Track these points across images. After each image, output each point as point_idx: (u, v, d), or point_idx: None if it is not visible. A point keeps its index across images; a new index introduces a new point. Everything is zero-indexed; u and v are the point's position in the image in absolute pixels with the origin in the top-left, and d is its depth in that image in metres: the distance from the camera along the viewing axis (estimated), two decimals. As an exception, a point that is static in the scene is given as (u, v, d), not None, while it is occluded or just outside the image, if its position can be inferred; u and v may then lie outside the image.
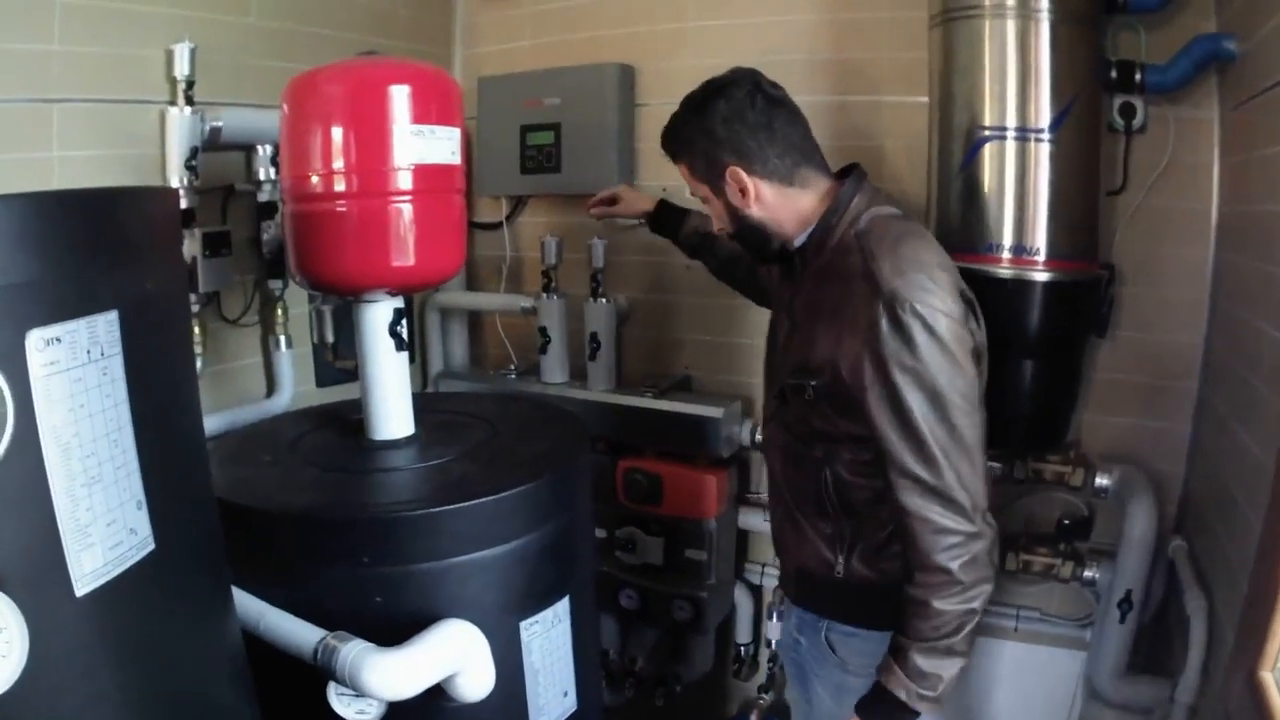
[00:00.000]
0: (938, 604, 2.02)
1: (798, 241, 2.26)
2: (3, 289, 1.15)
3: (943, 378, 1.99)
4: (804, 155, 2.24)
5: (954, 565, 2.01)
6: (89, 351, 1.26)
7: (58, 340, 1.21)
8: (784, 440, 2.39)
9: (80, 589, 1.27)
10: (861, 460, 2.18)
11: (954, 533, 2.01)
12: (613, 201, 3.21)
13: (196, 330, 2.93)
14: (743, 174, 2.21)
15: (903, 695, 2.09)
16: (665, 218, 3.12)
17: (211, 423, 2.71)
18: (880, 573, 2.25)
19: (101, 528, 1.30)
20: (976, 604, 2.05)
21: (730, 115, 2.21)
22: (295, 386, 3.38)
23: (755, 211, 2.25)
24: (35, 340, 1.18)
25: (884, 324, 1.98)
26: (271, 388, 3.37)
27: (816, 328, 2.17)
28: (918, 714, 2.12)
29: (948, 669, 2.08)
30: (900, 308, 1.97)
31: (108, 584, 1.32)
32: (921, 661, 2.06)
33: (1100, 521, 3.16)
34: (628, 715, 3.95)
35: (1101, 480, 2.99)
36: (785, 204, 2.24)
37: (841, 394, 2.10)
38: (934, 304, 1.99)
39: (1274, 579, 1.97)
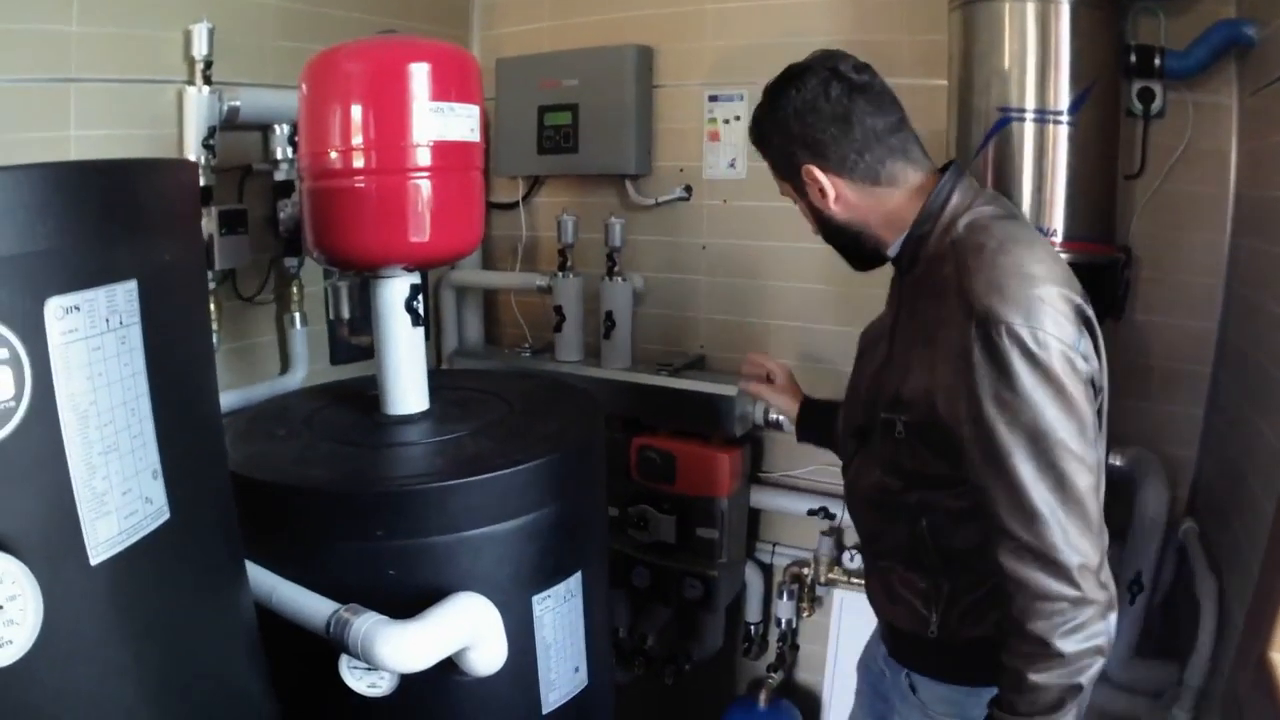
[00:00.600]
0: (1033, 677, 1.71)
1: (892, 250, 2.01)
2: (23, 257, 1.16)
3: (1048, 415, 1.67)
4: (891, 148, 1.93)
5: (1053, 636, 1.68)
6: (107, 320, 1.27)
7: (76, 309, 1.22)
8: (869, 485, 2.08)
9: (95, 557, 1.28)
10: (961, 508, 1.87)
11: (1056, 598, 1.68)
12: (766, 378, 2.70)
13: (212, 308, 2.93)
14: (818, 173, 1.95)
15: None
16: (812, 418, 2.63)
17: (226, 400, 2.71)
18: (985, 628, 1.92)
19: (117, 496, 1.31)
20: (1083, 679, 1.72)
21: (803, 107, 1.93)
22: (310, 364, 3.39)
23: (839, 213, 1.99)
24: (54, 308, 1.19)
25: (976, 351, 1.69)
26: (286, 365, 3.39)
27: (911, 354, 1.90)
28: None
29: (1066, 698, 1.73)
30: (996, 331, 1.67)
31: (123, 553, 1.33)
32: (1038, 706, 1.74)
33: (1111, 503, 3.16)
34: (637, 693, 3.96)
35: (1114, 461, 2.98)
36: (872, 205, 1.96)
37: (938, 432, 1.81)
38: (1039, 326, 1.68)
39: (1285, 562, 1.97)
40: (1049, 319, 1.69)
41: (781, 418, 3.28)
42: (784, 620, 3.73)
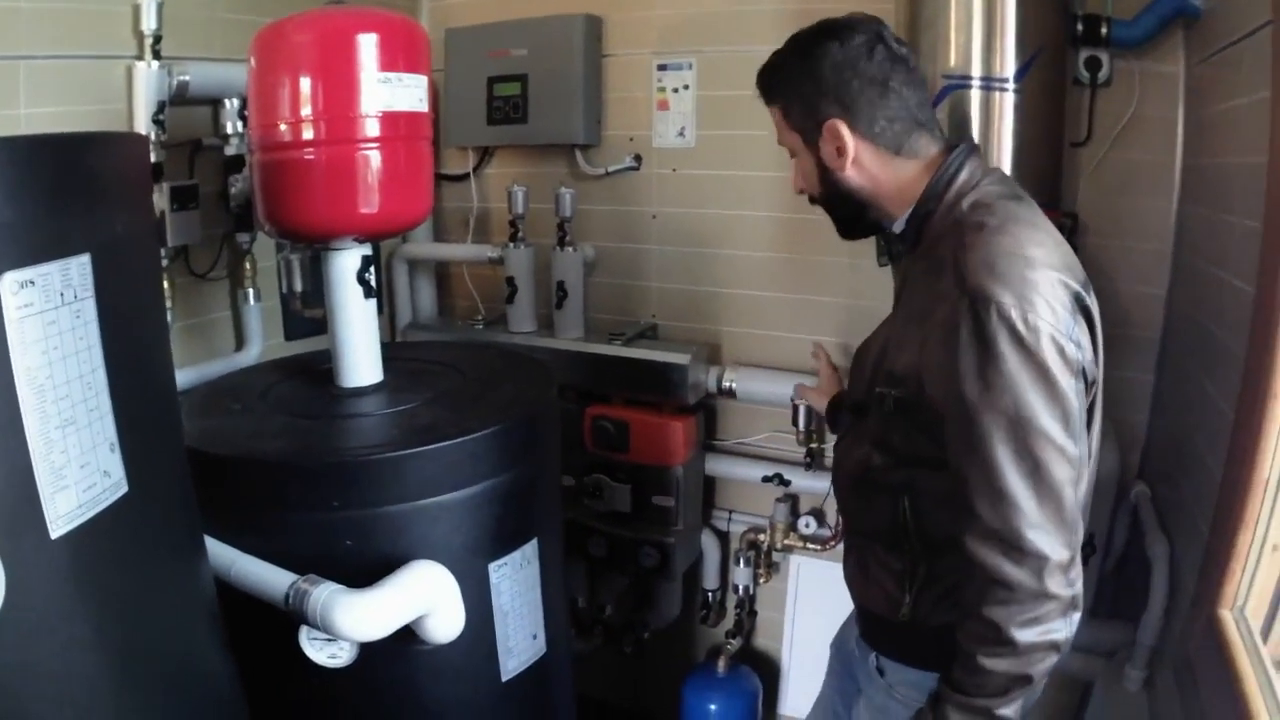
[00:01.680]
0: (982, 660, 1.68)
1: (897, 226, 1.96)
2: (-24, 232, 1.17)
3: (1030, 401, 1.62)
4: (919, 123, 1.90)
5: (1009, 625, 1.64)
6: (62, 294, 1.28)
7: (31, 283, 1.22)
8: (855, 462, 2.03)
9: (55, 531, 1.29)
10: (944, 490, 1.76)
11: (1015, 587, 1.63)
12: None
13: (165, 285, 2.90)
14: (844, 130, 1.87)
15: None
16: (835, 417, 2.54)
17: (182, 377, 2.71)
18: (955, 615, 1.81)
19: (75, 470, 1.32)
20: (1033, 671, 1.67)
21: (843, 62, 1.86)
22: (264, 340, 3.38)
23: (850, 176, 1.92)
24: (9, 283, 1.19)
25: (964, 328, 1.64)
26: (240, 342, 3.38)
27: (907, 330, 1.85)
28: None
29: (1009, 694, 1.71)
30: (985, 310, 1.62)
31: (82, 526, 1.33)
32: (955, 717, 1.75)
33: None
34: (597, 662, 3.99)
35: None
36: (887, 174, 1.91)
37: (925, 410, 1.78)
38: (1030, 309, 1.62)
39: (1234, 522, 2.01)
40: (1042, 303, 1.63)
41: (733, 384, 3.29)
42: (741, 587, 3.75)
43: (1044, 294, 1.64)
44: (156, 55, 2.84)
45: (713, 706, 3.70)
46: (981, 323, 1.62)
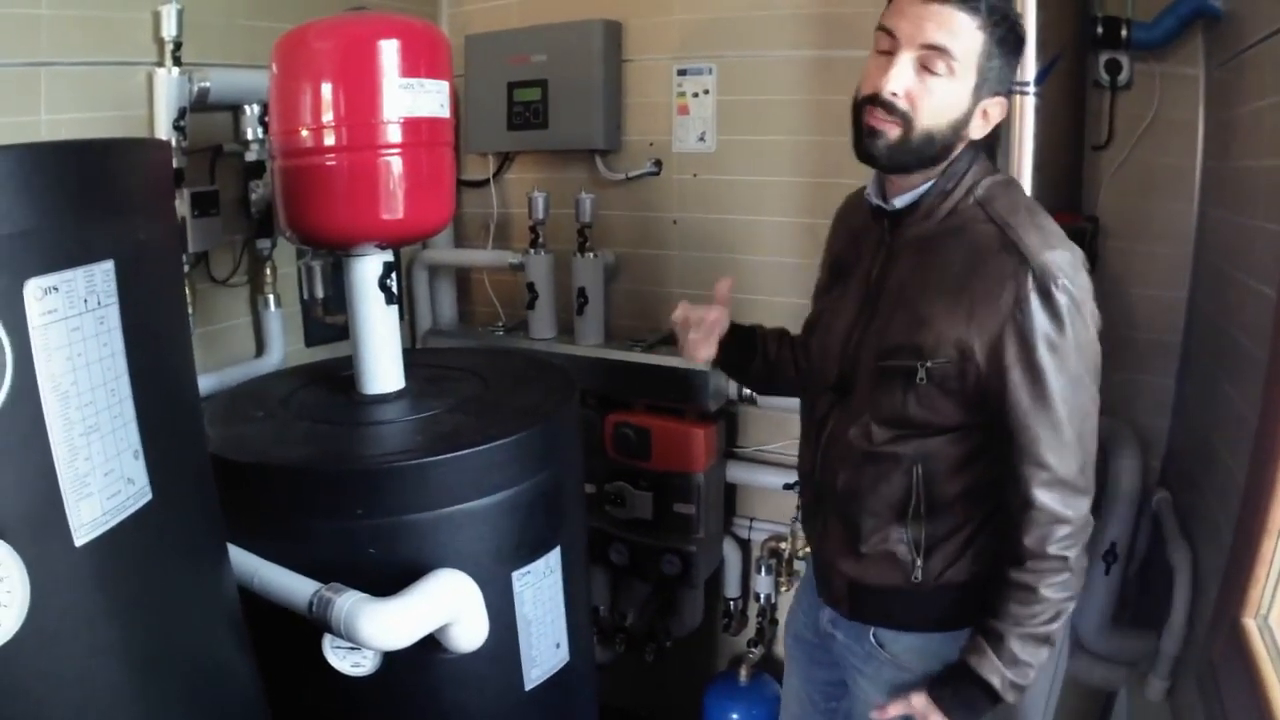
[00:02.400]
0: (1045, 591, 1.89)
1: (899, 202, 2.01)
2: (1, 238, 1.16)
3: (1086, 360, 1.86)
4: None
5: (1070, 554, 1.89)
6: (86, 301, 1.27)
7: (55, 289, 1.22)
8: (852, 439, 2.09)
9: (79, 538, 1.29)
10: (958, 455, 1.99)
11: (1072, 522, 1.88)
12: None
13: (185, 291, 2.89)
14: (1001, 107, 1.94)
15: (996, 682, 1.94)
16: (730, 358, 2.54)
17: (202, 383, 2.69)
18: (962, 573, 2.06)
19: (99, 477, 1.31)
20: (1076, 589, 1.95)
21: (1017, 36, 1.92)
22: (285, 346, 3.38)
23: (973, 131, 1.94)
24: (33, 289, 1.19)
25: (1034, 300, 1.79)
26: (261, 348, 3.37)
27: (930, 304, 1.92)
28: (998, 703, 1.99)
29: (1040, 657, 1.95)
30: (1054, 284, 1.78)
31: (106, 534, 1.33)
32: (1018, 648, 1.92)
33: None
34: (618, 670, 3.98)
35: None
36: (964, 132, 1.94)
37: (966, 377, 1.89)
38: (1081, 282, 1.83)
39: (1257, 528, 1.99)
40: (1083, 275, 1.85)
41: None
42: (763, 595, 3.72)
43: (1083, 268, 1.86)
44: (177, 62, 2.84)
45: (734, 715, 3.68)
46: (1050, 295, 1.79)
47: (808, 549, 2.95)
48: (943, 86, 1.86)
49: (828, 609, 2.31)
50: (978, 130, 1.94)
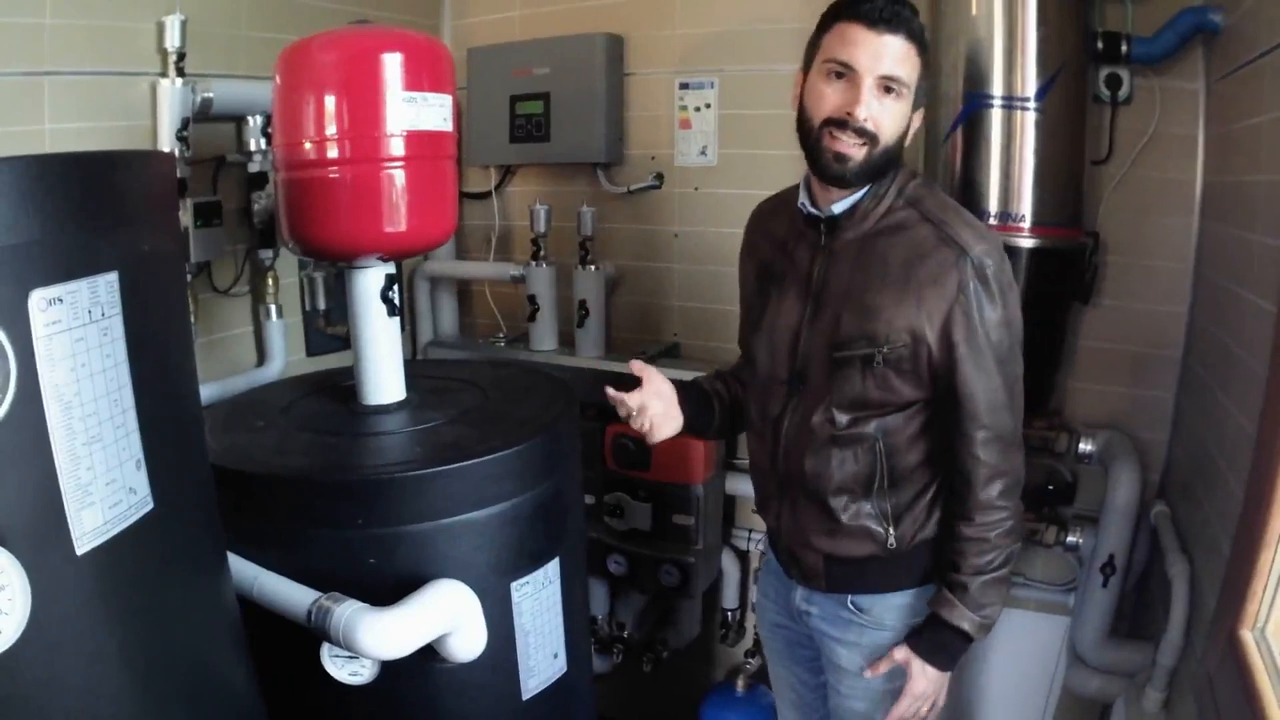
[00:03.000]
0: (995, 537, 2.13)
1: (838, 208, 2.15)
2: (7, 249, 1.17)
3: (1014, 334, 2.09)
4: None
5: (1010, 502, 2.14)
6: (90, 312, 1.28)
7: (60, 300, 1.23)
8: (814, 427, 2.22)
9: (81, 547, 1.30)
10: (914, 428, 2.19)
11: (1010, 474, 2.14)
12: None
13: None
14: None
15: (966, 625, 2.16)
16: (691, 424, 2.49)
17: (204, 392, 2.69)
18: (929, 530, 2.27)
19: (101, 486, 1.32)
20: (1020, 533, 2.19)
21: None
22: (286, 356, 3.37)
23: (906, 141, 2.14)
24: (38, 300, 1.20)
25: (973, 285, 2.01)
26: (262, 357, 3.37)
27: (876, 296, 2.09)
28: (971, 643, 2.20)
29: (1002, 594, 2.19)
30: (987, 270, 2.01)
31: (108, 542, 1.34)
32: (979, 593, 2.14)
33: (1084, 487, 3.18)
34: (616, 681, 3.98)
35: (1085, 446, 3.02)
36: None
37: (919, 358, 2.09)
38: (1007, 268, 2.07)
39: (1255, 541, 2.00)
40: (1007, 262, 2.08)
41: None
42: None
43: (1004, 255, 2.08)
44: (180, 72, 2.85)
45: (732, 726, 3.69)
46: (987, 279, 2.01)
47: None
48: (896, 107, 2.05)
49: (800, 589, 2.43)
50: (907, 139, 2.13)
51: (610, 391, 2.35)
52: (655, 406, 2.35)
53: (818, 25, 2.10)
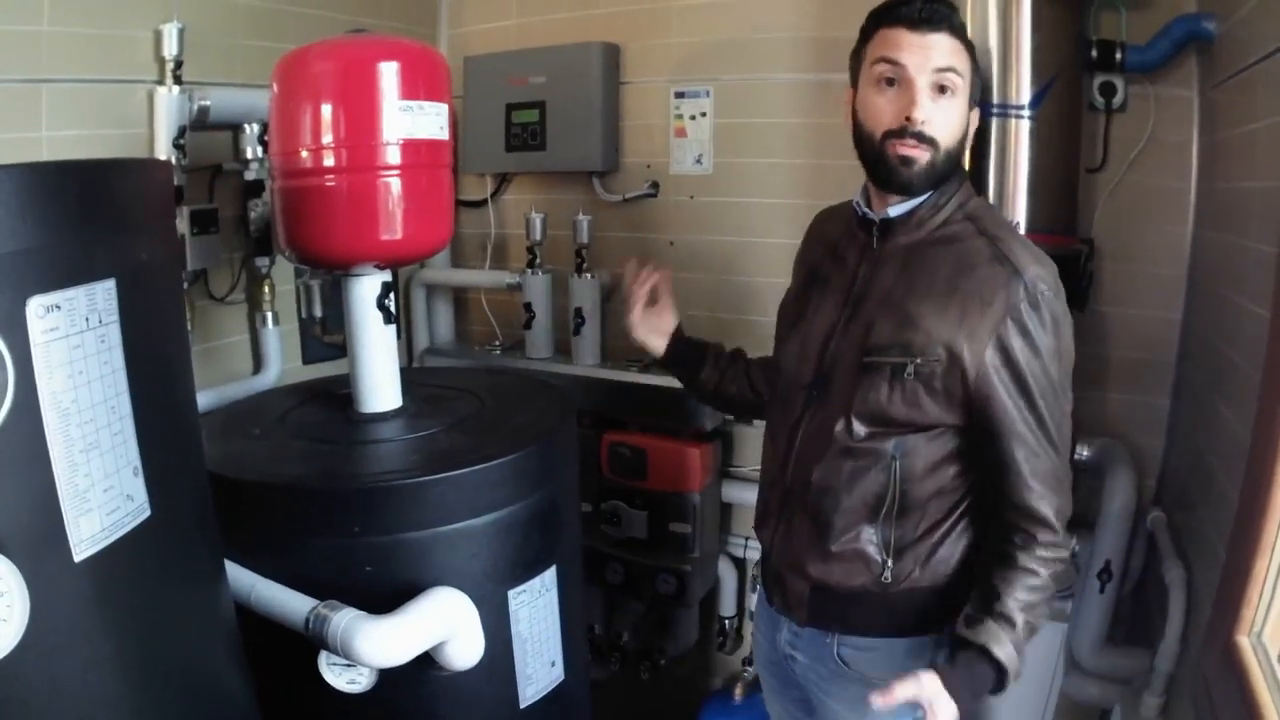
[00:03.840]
0: (1047, 576, 1.98)
1: (894, 212, 2.08)
2: (4, 256, 1.18)
3: (1065, 367, 1.99)
4: None
5: (1063, 554, 2.01)
6: (87, 319, 1.29)
7: (57, 307, 1.24)
8: (830, 436, 2.12)
9: (79, 554, 1.30)
10: (934, 454, 2.05)
11: (1058, 520, 1.99)
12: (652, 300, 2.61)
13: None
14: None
15: (1010, 664, 1.95)
16: (681, 355, 2.66)
17: (200, 400, 2.69)
18: (930, 578, 2.11)
19: (99, 493, 1.33)
20: (1062, 582, 2.12)
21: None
22: (282, 363, 3.39)
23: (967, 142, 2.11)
24: (36, 307, 1.20)
25: (1025, 309, 1.90)
26: (258, 365, 3.38)
27: (918, 306, 2.00)
28: (1003, 688, 1.98)
29: (1026, 645, 1.98)
30: (1040, 294, 1.91)
31: (105, 549, 1.35)
32: (1025, 632, 1.96)
33: (1080, 493, 3.19)
34: (614, 689, 3.97)
35: (1081, 453, 3.01)
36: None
37: (951, 377, 1.97)
38: (1062, 296, 1.97)
39: (1251, 546, 2.00)
40: (1062, 290, 1.97)
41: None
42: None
43: (1060, 283, 1.97)
44: (178, 80, 2.87)
45: (729, 733, 3.69)
46: (1038, 303, 1.91)
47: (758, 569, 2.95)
48: (952, 106, 2.00)
49: (784, 629, 2.32)
50: (967, 141, 2.08)
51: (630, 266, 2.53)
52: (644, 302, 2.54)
53: (859, 37, 2.10)
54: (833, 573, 2.16)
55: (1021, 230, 2.65)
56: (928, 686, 1.94)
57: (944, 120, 1.99)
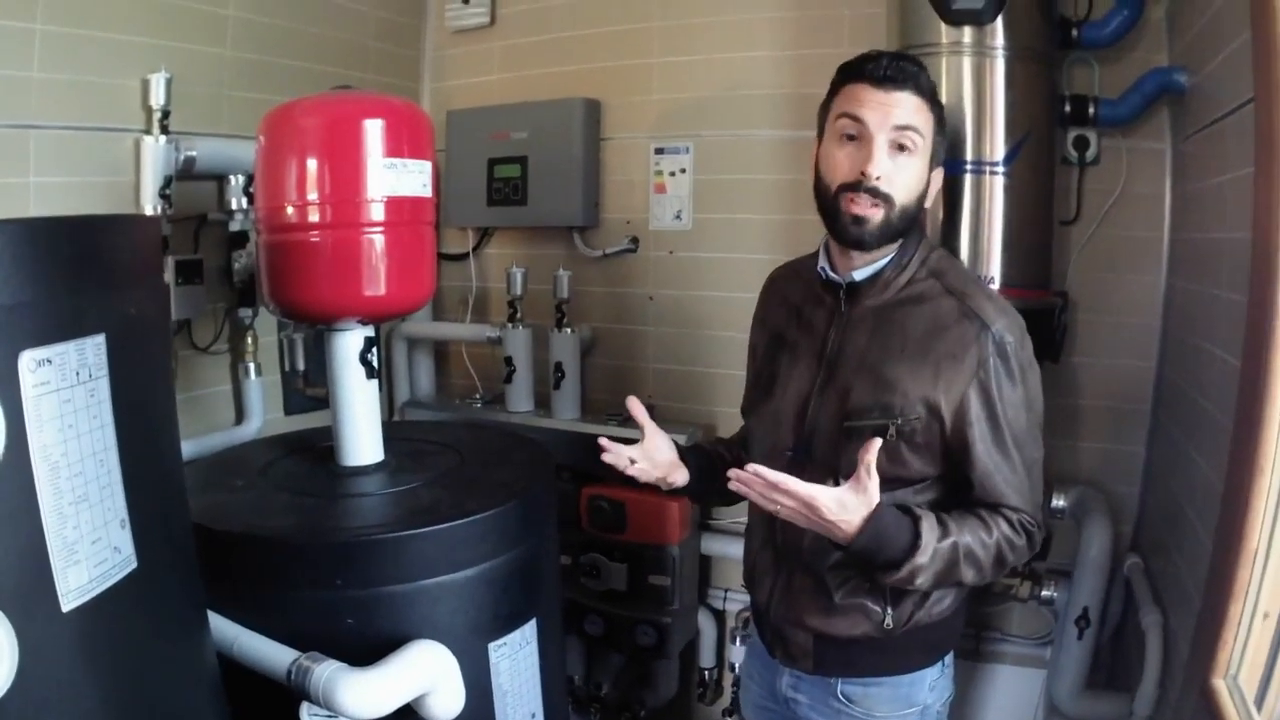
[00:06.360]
0: (1002, 547, 1.98)
1: (860, 275, 2.11)
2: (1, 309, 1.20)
3: (1037, 415, 2.06)
4: None
5: (1027, 545, 2.04)
6: (78, 373, 1.31)
7: (49, 362, 1.25)
8: None
9: (67, 604, 1.31)
10: (922, 505, 2.00)
11: (1025, 552, 2.05)
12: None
13: (168, 359, 2.92)
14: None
15: (921, 558, 1.89)
16: (701, 472, 2.42)
17: (182, 449, 2.73)
18: (931, 616, 2.15)
19: (87, 545, 1.34)
20: (1003, 571, 2.09)
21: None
22: (264, 414, 3.39)
23: (927, 201, 2.12)
24: (28, 361, 1.22)
25: (994, 362, 1.96)
26: (241, 415, 3.38)
27: (894, 367, 2.03)
28: (890, 574, 1.92)
29: (936, 585, 1.99)
30: (1007, 346, 1.97)
31: (92, 600, 1.36)
32: (945, 559, 1.92)
33: (1057, 542, 3.19)
34: (594, 742, 3.97)
35: (1058, 502, 3.04)
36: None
37: (932, 432, 2.01)
38: (1028, 345, 2.04)
39: (1225, 591, 2.02)
40: (1029, 339, 2.05)
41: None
42: (737, 665, 3.69)
43: (1025, 332, 2.05)
44: (165, 130, 2.89)
45: (709, 785, 3.68)
46: (1007, 355, 1.98)
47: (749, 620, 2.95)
48: (910, 164, 2.03)
49: (786, 673, 2.32)
50: (927, 200, 2.11)
51: (604, 442, 2.32)
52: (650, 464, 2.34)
53: (828, 91, 2.13)
54: (835, 624, 2.17)
55: (996, 285, 2.69)
56: (862, 481, 1.87)
57: (901, 179, 2.02)
